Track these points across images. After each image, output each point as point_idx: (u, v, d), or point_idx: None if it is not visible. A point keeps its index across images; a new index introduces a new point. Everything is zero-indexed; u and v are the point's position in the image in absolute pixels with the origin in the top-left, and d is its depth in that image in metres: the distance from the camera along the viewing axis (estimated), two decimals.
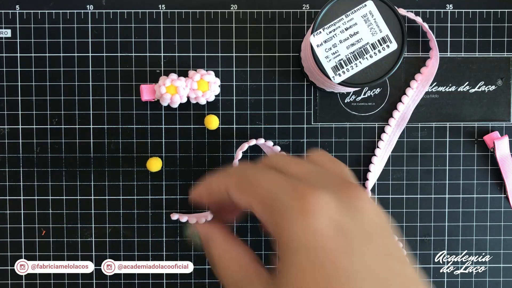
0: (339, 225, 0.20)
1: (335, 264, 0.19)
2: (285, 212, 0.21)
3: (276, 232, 0.21)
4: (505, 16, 0.40)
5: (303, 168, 0.23)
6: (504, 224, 0.40)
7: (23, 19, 0.39)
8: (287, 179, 0.22)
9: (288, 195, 0.21)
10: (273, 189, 0.22)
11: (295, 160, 0.24)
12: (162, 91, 0.37)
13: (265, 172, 0.23)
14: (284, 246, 0.20)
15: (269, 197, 0.22)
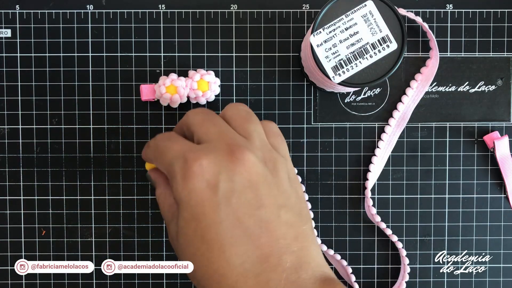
0: (214, 185, 0.25)
1: (206, 216, 0.25)
2: (174, 177, 0.26)
3: (173, 193, 0.27)
4: (505, 16, 0.40)
5: (209, 129, 0.28)
6: (504, 224, 0.40)
7: (23, 19, 0.39)
8: (183, 147, 0.27)
9: (178, 163, 0.26)
10: (171, 158, 0.27)
11: (207, 118, 0.29)
12: (162, 91, 0.37)
13: (172, 140, 0.28)
14: (177, 204, 0.26)
15: (168, 165, 0.27)
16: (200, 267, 0.25)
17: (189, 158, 0.26)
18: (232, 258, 0.25)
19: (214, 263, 0.25)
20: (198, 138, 0.28)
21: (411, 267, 0.40)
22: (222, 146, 0.26)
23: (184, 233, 0.26)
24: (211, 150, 0.26)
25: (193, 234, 0.25)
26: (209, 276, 0.25)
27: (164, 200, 0.30)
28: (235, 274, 0.25)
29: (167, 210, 0.29)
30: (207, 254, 0.25)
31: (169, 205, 0.29)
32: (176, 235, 0.27)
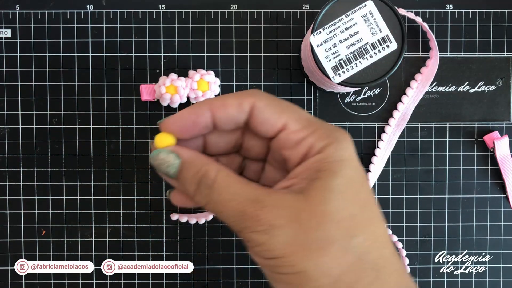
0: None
1: (367, 183, 0.25)
2: (336, 138, 0.24)
3: (321, 147, 0.24)
4: (505, 16, 0.40)
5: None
6: (504, 224, 0.40)
7: (23, 19, 0.39)
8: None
9: (336, 129, 0.25)
10: (322, 121, 0.26)
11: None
12: (162, 91, 0.37)
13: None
14: (330, 160, 0.24)
15: (321, 125, 0.25)
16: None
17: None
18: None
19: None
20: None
21: (411, 267, 0.40)
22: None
23: (341, 190, 0.24)
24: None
25: (354, 191, 0.24)
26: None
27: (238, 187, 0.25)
28: None
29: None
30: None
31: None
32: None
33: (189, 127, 0.26)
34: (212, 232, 0.40)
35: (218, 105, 0.25)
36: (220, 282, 0.40)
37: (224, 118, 0.25)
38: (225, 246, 0.40)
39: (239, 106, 0.25)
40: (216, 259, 0.40)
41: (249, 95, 0.25)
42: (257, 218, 0.23)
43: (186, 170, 0.25)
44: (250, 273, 0.40)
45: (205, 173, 0.25)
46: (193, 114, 0.26)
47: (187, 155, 0.25)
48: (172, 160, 0.25)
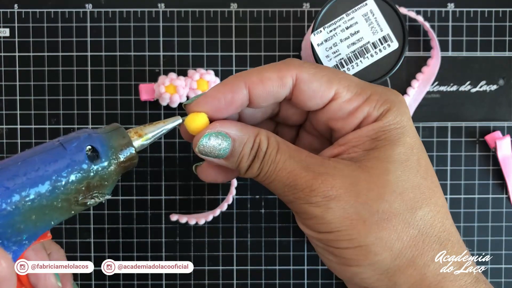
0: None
1: (424, 149, 0.24)
2: (394, 103, 0.23)
3: (379, 115, 0.23)
4: (506, 15, 0.40)
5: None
6: (505, 225, 0.40)
7: (21, 18, 0.39)
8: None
9: (391, 92, 0.24)
10: (373, 84, 0.25)
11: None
12: (161, 91, 0.37)
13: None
14: (390, 128, 0.23)
15: (374, 89, 0.24)
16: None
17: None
18: None
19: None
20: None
21: None
22: None
23: (403, 156, 0.23)
24: None
25: (415, 158, 0.24)
26: None
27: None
28: None
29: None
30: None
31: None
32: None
33: (223, 107, 0.23)
34: (211, 233, 0.40)
35: (255, 81, 0.23)
36: (220, 283, 0.40)
37: (263, 95, 0.23)
38: (225, 247, 0.40)
39: (280, 80, 0.23)
40: (215, 260, 0.40)
41: (290, 66, 0.23)
42: (311, 188, 0.22)
43: (237, 148, 0.23)
44: (250, 274, 0.40)
45: (258, 144, 0.23)
46: (228, 93, 0.23)
47: (235, 132, 0.23)
48: (222, 142, 0.23)
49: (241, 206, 0.40)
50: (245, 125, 0.24)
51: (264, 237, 0.40)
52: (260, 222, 0.40)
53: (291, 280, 0.40)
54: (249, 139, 0.23)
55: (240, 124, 0.24)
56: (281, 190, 0.23)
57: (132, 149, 0.23)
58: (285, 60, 0.24)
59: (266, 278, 0.40)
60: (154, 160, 0.40)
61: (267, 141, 0.23)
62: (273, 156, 0.23)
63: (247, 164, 0.23)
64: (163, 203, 0.40)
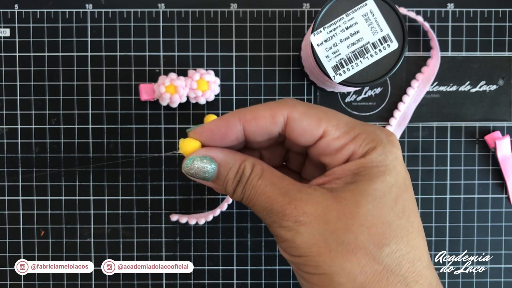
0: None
1: (410, 190, 0.24)
2: (380, 142, 0.24)
3: (364, 152, 0.24)
4: (506, 15, 0.40)
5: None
6: (505, 225, 0.40)
7: (21, 18, 0.39)
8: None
9: (381, 132, 0.24)
10: (365, 123, 0.25)
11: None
12: (162, 91, 0.37)
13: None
14: (372, 165, 0.23)
15: (364, 128, 0.24)
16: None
17: (390, 131, 0.25)
18: None
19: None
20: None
21: None
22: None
23: (381, 192, 0.23)
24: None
25: (394, 195, 0.23)
26: None
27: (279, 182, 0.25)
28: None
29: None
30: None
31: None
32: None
33: (218, 140, 0.25)
34: (211, 233, 0.40)
35: (249, 118, 0.24)
36: (220, 282, 0.40)
37: (256, 131, 0.25)
38: (225, 247, 0.40)
39: (272, 118, 0.24)
40: (215, 260, 0.40)
41: (283, 105, 0.24)
42: (284, 213, 0.23)
43: (223, 172, 0.25)
44: (250, 274, 0.40)
45: (242, 170, 0.24)
46: (223, 127, 0.25)
47: (221, 157, 0.25)
48: (208, 165, 0.25)
49: (241, 206, 0.40)
50: (233, 152, 0.25)
51: (264, 237, 0.40)
52: (260, 222, 0.40)
53: (291, 280, 0.40)
54: (234, 165, 0.25)
55: (228, 151, 0.25)
56: (261, 214, 0.24)
57: None
58: (279, 100, 0.26)
59: (266, 278, 0.40)
60: (154, 160, 0.40)
61: (251, 167, 0.24)
62: (255, 181, 0.24)
63: (232, 188, 0.25)
64: (163, 203, 0.40)
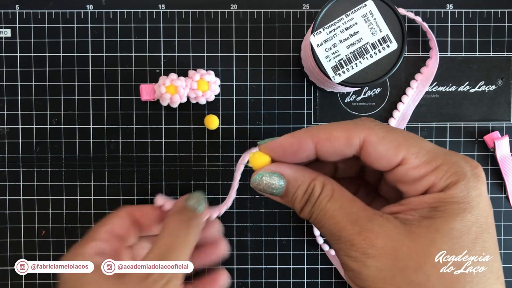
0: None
1: (492, 231, 0.22)
2: (464, 175, 0.22)
3: (444, 186, 0.22)
4: (505, 15, 0.40)
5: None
6: (504, 224, 0.40)
7: (22, 19, 0.39)
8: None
9: (466, 164, 0.23)
10: (449, 152, 0.23)
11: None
12: (162, 91, 0.37)
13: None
14: (452, 200, 0.22)
15: (447, 158, 0.22)
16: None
17: (476, 163, 0.23)
18: None
19: None
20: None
21: None
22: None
23: (459, 230, 0.22)
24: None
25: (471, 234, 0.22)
26: None
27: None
28: None
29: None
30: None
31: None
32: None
33: (289, 156, 0.25)
34: None
35: (323, 138, 0.23)
36: None
37: (329, 151, 0.24)
38: None
39: (348, 140, 0.23)
40: None
41: (360, 127, 0.23)
42: (352, 243, 0.22)
43: (291, 190, 0.24)
44: (250, 273, 0.40)
45: (311, 189, 0.24)
46: (295, 145, 0.24)
47: (290, 174, 0.24)
48: (276, 182, 0.24)
49: (241, 205, 0.40)
50: (304, 169, 0.24)
51: (264, 237, 0.40)
52: (260, 222, 0.40)
53: (291, 279, 0.40)
54: (304, 183, 0.24)
55: (298, 168, 0.24)
56: (329, 238, 0.23)
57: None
58: (356, 120, 0.24)
59: (266, 277, 0.40)
60: (154, 160, 0.40)
61: (321, 187, 0.24)
62: (324, 203, 0.23)
63: (300, 206, 0.24)
64: None
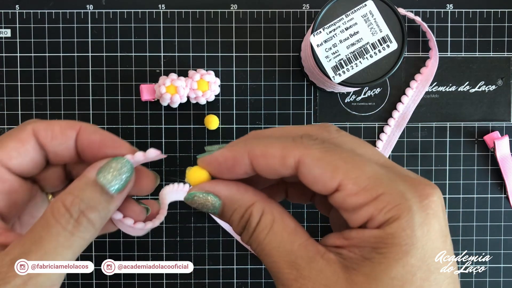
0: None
1: (437, 272, 0.20)
2: (407, 210, 0.19)
3: (383, 221, 0.19)
4: (505, 15, 0.40)
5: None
6: (504, 224, 0.40)
7: (22, 19, 0.39)
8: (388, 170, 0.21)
9: (413, 194, 0.20)
10: (399, 177, 0.20)
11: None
12: (162, 91, 0.37)
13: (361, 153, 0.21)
14: (391, 242, 0.19)
15: (391, 186, 0.20)
16: None
17: (427, 189, 0.20)
18: None
19: None
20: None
21: None
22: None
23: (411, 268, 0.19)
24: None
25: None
26: None
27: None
28: None
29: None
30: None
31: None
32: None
33: (225, 173, 0.22)
34: (211, 233, 0.40)
35: (258, 155, 0.21)
36: (220, 282, 0.40)
37: (265, 169, 0.21)
38: (225, 246, 0.40)
39: (282, 160, 0.21)
40: (216, 259, 0.40)
41: (297, 145, 0.21)
42: None
43: (227, 212, 0.22)
44: (250, 273, 0.40)
45: (248, 216, 0.21)
46: (229, 160, 0.22)
47: (226, 195, 0.22)
48: (210, 203, 0.22)
49: None
50: (244, 189, 0.22)
51: None
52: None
53: None
54: (240, 207, 0.22)
55: (237, 188, 0.22)
56: (270, 272, 0.22)
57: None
58: (296, 138, 0.21)
59: (266, 277, 0.40)
60: (154, 160, 0.40)
61: (260, 216, 0.21)
62: (262, 237, 0.21)
63: (238, 232, 0.22)
64: None
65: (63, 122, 0.24)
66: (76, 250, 0.22)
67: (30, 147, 0.23)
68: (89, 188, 0.22)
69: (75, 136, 0.24)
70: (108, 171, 0.22)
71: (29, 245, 0.21)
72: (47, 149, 0.24)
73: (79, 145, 0.24)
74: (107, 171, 0.22)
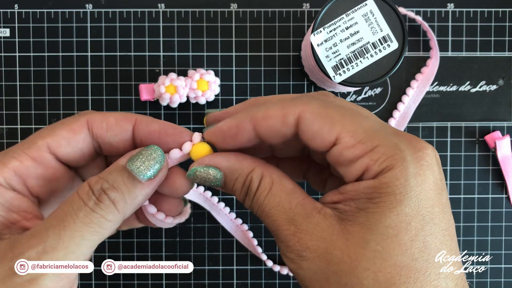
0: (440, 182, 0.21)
1: (438, 220, 0.20)
2: (401, 160, 0.19)
3: (378, 171, 0.20)
4: (506, 15, 0.40)
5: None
6: (505, 225, 0.40)
7: (21, 18, 0.39)
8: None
9: (407, 146, 0.20)
10: (394, 131, 0.21)
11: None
12: (162, 91, 0.37)
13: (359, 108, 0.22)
14: (386, 191, 0.19)
15: (386, 138, 0.20)
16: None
17: (421, 144, 0.21)
18: None
19: None
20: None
21: None
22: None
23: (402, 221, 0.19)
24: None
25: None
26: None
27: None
28: None
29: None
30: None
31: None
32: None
33: (229, 142, 0.23)
34: (211, 233, 0.40)
35: (260, 118, 0.22)
36: (220, 282, 0.40)
37: (268, 132, 0.22)
38: (225, 247, 0.40)
39: (283, 119, 0.21)
40: (215, 260, 0.40)
41: (296, 103, 0.21)
42: (288, 244, 0.21)
43: (229, 182, 0.23)
44: (250, 274, 0.40)
45: (249, 182, 0.22)
46: (233, 128, 0.23)
47: (226, 166, 0.23)
48: (212, 176, 0.23)
49: (241, 206, 0.40)
50: (243, 158, 0.23)
51: (264, 237, 0.40)
52: (260, 222, 0.40)
53: (291, 280, 0.40)
54: (241, 176, 0.23)
55: (236, 158, 0.23)
56: (271, 233, 0.23)
57: None
58: (296, 96, 0.23)
59: (266, 278, 0.40)
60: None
61: (259, 180, 0.22)
62: (262, 199, 0.22)
63: (241, 199, 0.23)
64: None
65: (118, 114, 0.25)
66: (97, 228, 0.21)
67: (80, 138, 0.24)
68: (116, 171, 0.22)
69: (132, 128, 0.24)
70: (138, 158, 0.22)
71: (50, 219, 0.21)
72: (102, 140, 0.24)
73: (138, 136, 0.24)
74: (137, 158, 0.22)
